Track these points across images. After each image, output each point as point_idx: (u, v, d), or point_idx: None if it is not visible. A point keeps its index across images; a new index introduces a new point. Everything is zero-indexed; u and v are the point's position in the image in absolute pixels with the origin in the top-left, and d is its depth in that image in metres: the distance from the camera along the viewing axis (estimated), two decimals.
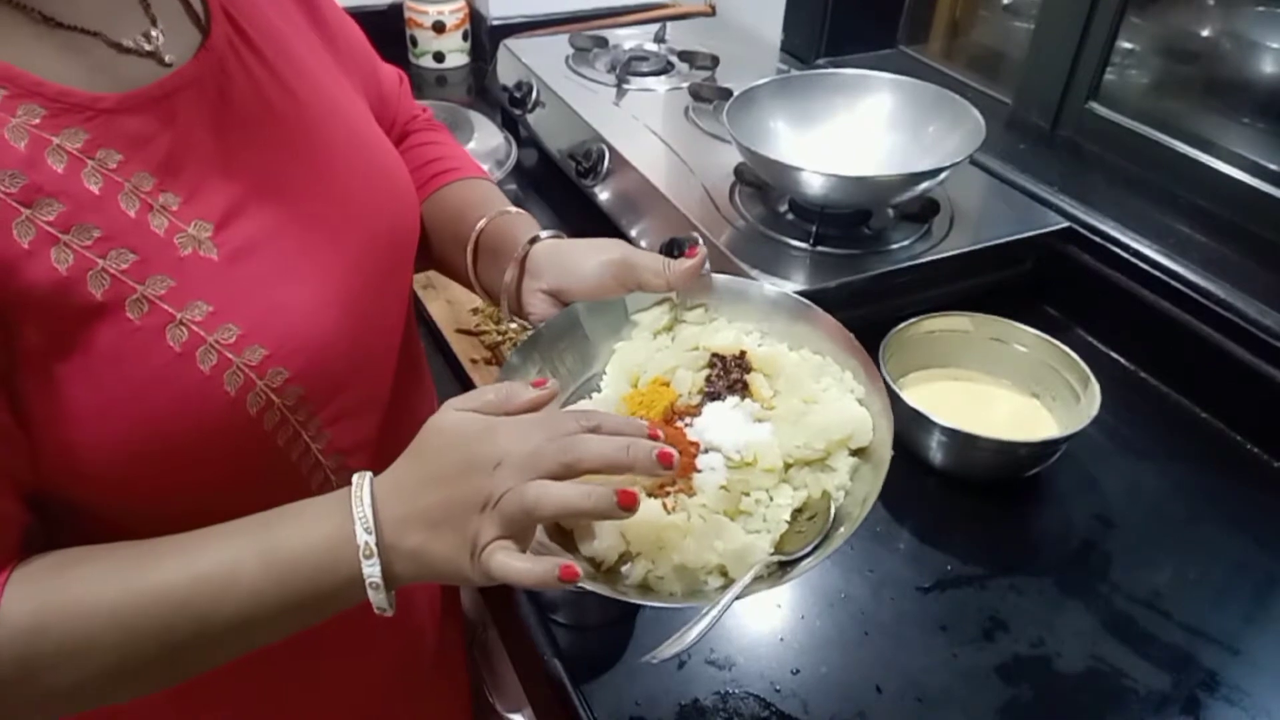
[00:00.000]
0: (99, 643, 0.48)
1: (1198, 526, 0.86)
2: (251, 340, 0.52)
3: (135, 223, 0.49)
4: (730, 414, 0.59)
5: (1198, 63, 1.19)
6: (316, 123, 0.61)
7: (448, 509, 0.49)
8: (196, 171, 0.52)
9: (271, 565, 0.49)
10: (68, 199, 0.47)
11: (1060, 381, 0.91)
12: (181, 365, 0.50)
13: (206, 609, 0.49)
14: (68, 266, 0.47)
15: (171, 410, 0.50)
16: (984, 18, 1.50)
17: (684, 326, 0.66)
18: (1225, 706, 0.70)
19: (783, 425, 0.59)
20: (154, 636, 0.49)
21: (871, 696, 0.70)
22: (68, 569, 0.50)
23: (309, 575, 0.50)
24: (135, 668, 0.50)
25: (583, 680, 0.70)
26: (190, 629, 0.49)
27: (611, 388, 0.63)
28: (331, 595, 0.50)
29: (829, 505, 0.55)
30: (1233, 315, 0.93)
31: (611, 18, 1.67)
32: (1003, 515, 0.86)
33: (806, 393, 0.60)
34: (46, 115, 0.47)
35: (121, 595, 0.49)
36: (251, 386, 0.52)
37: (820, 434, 0.58)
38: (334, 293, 0.57)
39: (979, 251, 1.03)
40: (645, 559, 0.53)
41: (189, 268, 0.51)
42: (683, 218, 1.04)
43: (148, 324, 0.49)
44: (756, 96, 1.09)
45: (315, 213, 0.58)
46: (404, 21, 1.67)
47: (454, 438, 0.50)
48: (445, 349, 1.01)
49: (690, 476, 0.55)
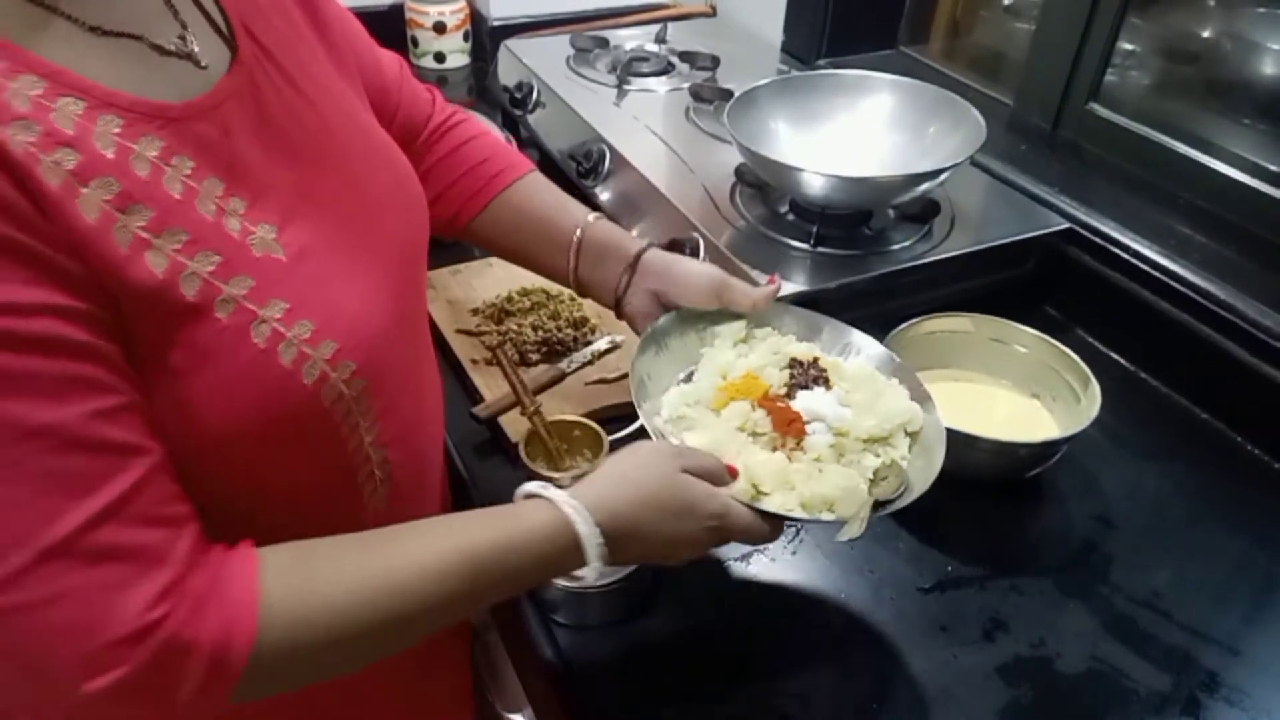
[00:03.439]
0: (358, 623, 0.53)
1: (1198, 527, 0.86)
2: (324, 335, 0.55)
3: (214, 226, 0.52)
4: (823, 397, 0.75)
5: (1198, 64, 1.19)
6: (335, 132, 0.63)
7: (667, 548, 0.64)
8: (253, 178, 0.55)
9: (515, 553, 0.58)
10: (155, 204, 0.49)
11: (1060, 382, 0.91)
12: (266, 360, 0.52)
13: (459, 585, 0.56)
14: (163, 270, 0.48)
15: (257, 404, 0.53)
16: (984, 18, 1.50)
17: (756, 340, 0.81)
18: (1225, 707, 0.70)
19: (858, 411, 0.74)
20: (406, 611, 0.54)
21: (872, 696, 0.70)
22: (322, 562, 0.54)
23: (545, 562, 0.59)
24: (389, 637, 0.56)
25: (583, 680, 0.70)
26: (438, 604, 0.55)
27: (706, 380, 0.77)
28: (557, 571, 0.61)
29: (900, 469, 0.71)
30: (1233, 316, 0.93)
31: (612, 18, 1.68)
32: (1003, 516, 0.86)
33: (870, 390, 0.76)
34: (124, 124, 0.48)
35: (385, 576, 0.54)
36: (326, 379, 0.55)
37: (887, 418, 0.74)
38: (378, 290, 0.61)
39: (980, 252, 1.03)
40: (779, 494, 0.67)
41: (264, 268, 0.53)
42: (683, 218, 1.04)
43: (234, 323, 0.51)
44: (757, 97, 1.09)
45: (349, 216, 0.61)
46: (405, 22, 1.67)
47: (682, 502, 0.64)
48: (445, 349, 1.01)
49: (802, 438, 0.71)
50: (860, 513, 0.65)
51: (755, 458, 0.69)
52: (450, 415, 0.92)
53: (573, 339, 1.01)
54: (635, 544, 0.62)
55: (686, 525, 0.63)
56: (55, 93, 0.46)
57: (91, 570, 0.45)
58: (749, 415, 0.72)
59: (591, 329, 1.03)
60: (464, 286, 1.10)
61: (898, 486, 0.68)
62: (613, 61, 1.39)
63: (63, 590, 0.44)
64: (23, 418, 0.43)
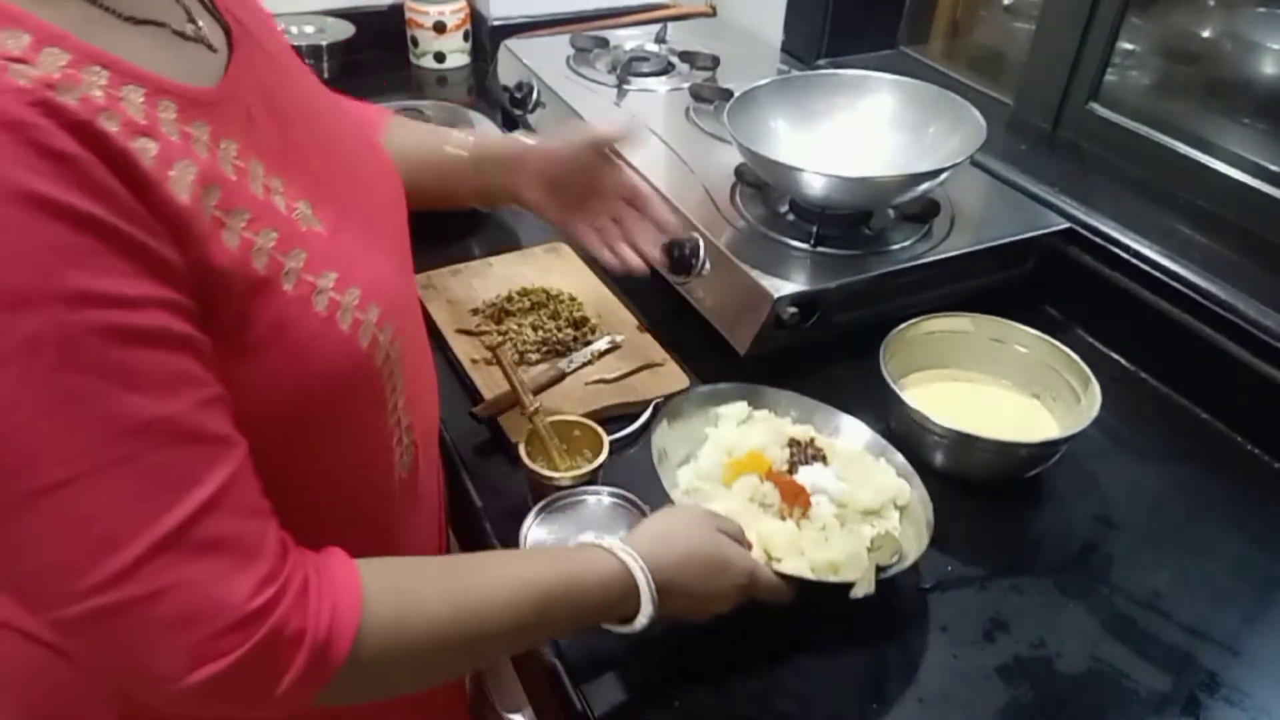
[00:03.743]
0: (439, 639, 0.55)
1: (1198, 527, 0.86)
2: (369, 300, 0.57)
3: (266, 204, 0.53)
4: (823, 472, 0.81)
5: (1198, 63, 1.19)
6: (322, 114, 0.65)
7: (702, 604, 0.69)
8: (280, 158, 0.56)
9: (579, 594, 0.62)
10: (222, 185, 0.50)
11: (1060, 382, 0.91)
12: (328, 327, 0.54)
13: (529, 617, 0.59)
14: (236, 247, 0.50)
15: (325, 370, 0.55)
16: (984, 18, 1.50)
17: (756, 421, 0.87)
18: (1225, 707, 0.70)
19: (854, 485, 0.81)
20: (480, 634, 0.57)
21: (872, 696, 0.70)
22: (409, 571, 0.57)
23: (603, 607, 0.63)
24: (460, 658, 0.60)
25: (583, 680, 0.70)
26: (507, 632, 0.58)
27: (714, 457, 0.82)
28: (610, 616, 0.65)
29: (894, 539, 0.76)
30: (1233, 315, 0.93)
31: (612, 18, 1.67)
32: (1003, 516, 0.86)
33: (861, 467, 0.83)
34: (178, 110, 0.49)
35: (464, 596, 0.57)
36: (376, 341, 0.58)
37: (879, 493, 0.80)
38: (390, 257, 0.64)
39: (980, 252, 1.03)
40: (790, 560, 0.73)
41: (311, 241, 0.55)
42: (683, 218, 1.04)
43: (298, 294, 0.53)
44: (757, 97, 1.09)
45: (354, 191, 0.63)
46: (404, 22, 1.67)
47: (718, 560, 0.68)
48: (445, 349, 1.01)
49: (808, 509, 0.78)
50: (867, 573, 0.71)
51: (768, 526, 0.75)
52: (450, 415, 0.92)
53: (573, 339, 1.01)
54: (677, 598, 0.65)
55: (721, 583, 0.67)
56: (119, 82, 0.46)
57: (198, 561, 0.46)
58: (758, 487, 0.78)
59: (591, 329, 1.03)
60: (464, 286, 1.10)
61: (893, 554, 0.74)
62: (613, 61, 1.39)
63: (172, 582, 0.45)
64: (138, 410, 0.44)
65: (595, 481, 0.80)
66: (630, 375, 0.97)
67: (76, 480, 0.43)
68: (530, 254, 1.17)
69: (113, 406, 0.43)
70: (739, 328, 0.97)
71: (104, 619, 0.45)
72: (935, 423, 0.84)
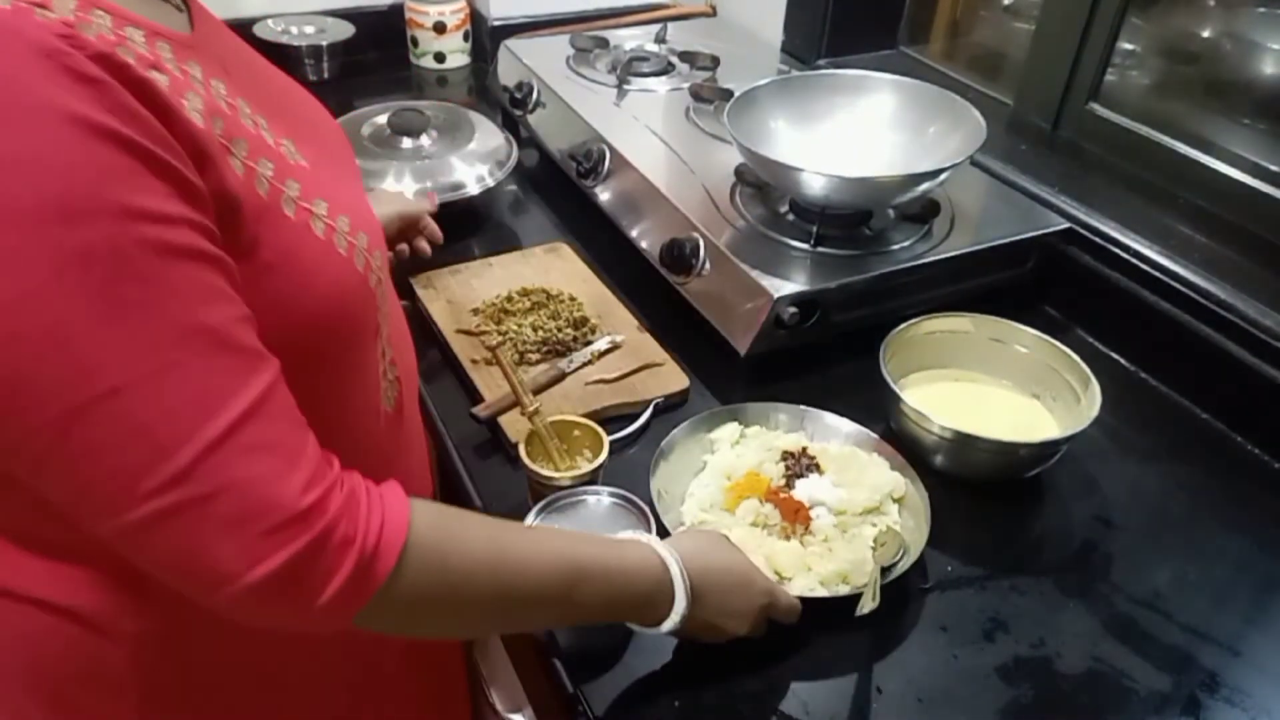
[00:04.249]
0: (474, 578, 0.57)
1: (1198, 527, 0.86)
2: (358, 228, 0.60)
3: (258, 137, 0.55)
4: (819, 483, 0.83)
5: (1198, 64, 1.19)
6: (275, 73, 0.68)
7: (724, 618, 0.68)
8: (257, 102, 0.58)
9: (614, 577, 0.63)
10: (222, 116, 0.52)
11: (1061, 382, 0.91)
12: (328, 251, 0.57)
13: (562, 587, 0.60)
14: (242, 173, 0.52)
15: (330, 292, 0.57)
16: (984, 18, 1.50)
17: (749, 439, 0.88)
18: (1226, 707, 0.70)
19: (850, 488, 0.83)
20: (513, 592, 0.58)
21: (872, 696, 0.70)
22: (454, 512, 0.59)
23: (637, 597, 0.64)
24: (484, 610, 0.59)
25: (583, 680, 0.70)
26: (539, 597, 0.60)
27: (714, 483, 0.84)
28: (640, 612, 0.65)
29: (898, 534, 0.78)
30: (1233, 316, 0.93)
31: (612, 18, 1.68)
32: (1003, 516, 0.86)
33: (855, 467, 0.85)
34: (173, 49, 0.51)
35: (502, 552, 0.58)
36: (369, 266, 0.60)
37: (875, 490, 0.82)
38: (363, 200, 0.66)
39: (979, 252, 1.03)
40: (800, 578, 0.75)
41: (300, 174, 0.57)
42: (683, 218, 1.04)
43: (299, 219, 0.55)
44: (757, 97, 1.09)
45: (320, 141, 0.65)
46: (404, 22, 1.67)
47: (747, 576, 0.70)
48: (445, 349, 1.01)
49: (809, 523, 0.80)
50: (872, 585, 0.71)
51: (775, 548, 0.77)
52: (450, 415, 0.92)
53: (573, 339, 1.01)
54: (705, 606, 0.66)
55: (744, 598, 0.68)
56: (121, 24, 0.48)
57: (249, 462, 0.48)
58: (760, 510, 0.80)
59: (591, 329, 1.03)
60: (464, 286, 1.10)
61: (897, 550, 0.76)
62: (613, 61, 1.39)
63: (227, 482, 0.47)
64: (184, 319, 0.46)
65: (595, 481, 0.80)
66: (630, 375, 0.97)
67: (131, 386, 0.45)
68: (530, 254, 1.17)
69: (161, 315, 0.46)
70: (739, 328, 0.97)
71: (164, 520, 0.47)
72: (935, 423, 0.84)
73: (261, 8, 1.64)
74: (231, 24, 1.68)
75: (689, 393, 0.97)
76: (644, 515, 0.76)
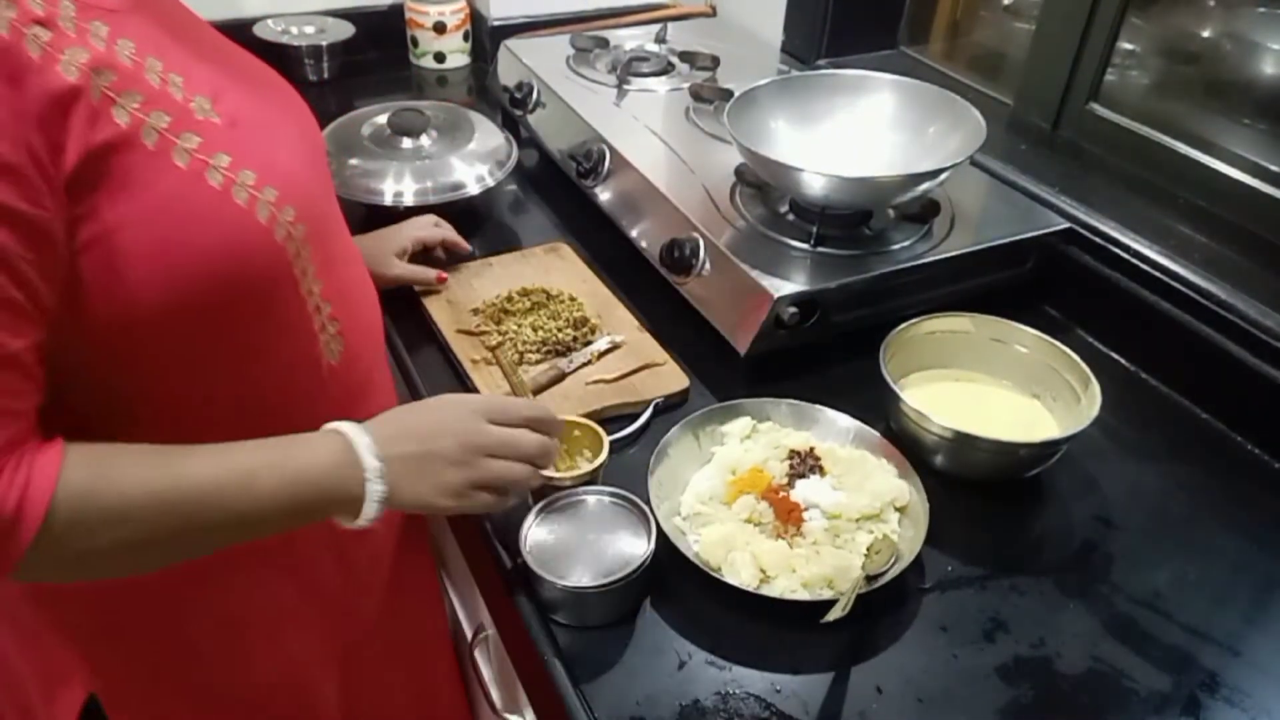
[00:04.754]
0: (135, 515, 0.58)
1: (1198, 527, 0.86)
2: (265, 182, 0.63)
3: (161, 92, 0.59)
4: (818, 485, 0.83)
5: (1198, 64, 1.19)
6: (221, 36, 0.71)
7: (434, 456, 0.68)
8: (181, 63, 0.62)
9: (285, 474, 0.63)
10: (114, 71, 0.56)
11: (1061, 382, 0.91)
12: (223, 200, 0.60)
13: (228, 501, 0.61)
14: (127, 123, 0.56)
15: (223, 240, 0.60)
16: (984, 18, 1.50)
17: (759, 434, 0.89)
18: (1226, 707, 0.70)
19: (850, 492, 0.83)
20: (180, 517, 0.60)
21: (871, 697, 0.70)
22: (114, 454, 0.59)
23: (315, 481, 0.64)
24: (159, 541, 0.60)
25: (583, 680, 0.70)
26: (210, 516, 0.61)
27: (719, 476, 0.84)
28: (330, 500, 0.66)
29: (892, 543, 0.78)
30: (1233, 316, 0.93)
31: (612, 18, 1.68)
32: (1003, 516, 0.86)
33: (861, 471, 0.84)
34: (77, 10, 0.55)
35: (159, 478, 0.59)
36: (275, 218, 0.63)
37: (876, 497, 0.81)
38: (301, 155, 0.69)
39: (980, 252, 1.03)
40: (783, 578, 0.76)
41: (206, 129, 0.61)
42: (683, 218, 1.04)
43: (192, 169, 0.59)
44: (757, 97, 1.09)
45: (262, 98, 0.69)
46: (404, 22, 1.67)
47: (444, 398, 0.73)
48: (445, 349, 1.01)
49: (801, 525, 0.80)
50: (848, 593, 0.71)
51: (761, 546, 0.77)
52: None
53: (573, 339, 1.01)
54: (401, 442, 0.67)
55: (448, 413, 0.70)
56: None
57: None
58: (754, 507, 0.80)
59: (592, 329, 1.03)
60: (464, 286, 1.10)
61: (889, 558, 0.76)
62: (613, 61, 1.39)
63: None
64: None
65: (595, 481, 0.80)
66: (630, 375, 0.97)
67: None
68: (530, 254, 1.17)
69: None
70: (739, 328, 0.97)
71: None
72: (935, 423, 0.84)
73: (261, 8, 1.64)
74: (231, 24, 1.68)
75: (689, 393, 0.97)
76: (644, 515, 0.76)
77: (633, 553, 0.73)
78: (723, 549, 0.77)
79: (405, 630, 0.95)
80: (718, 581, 0.75)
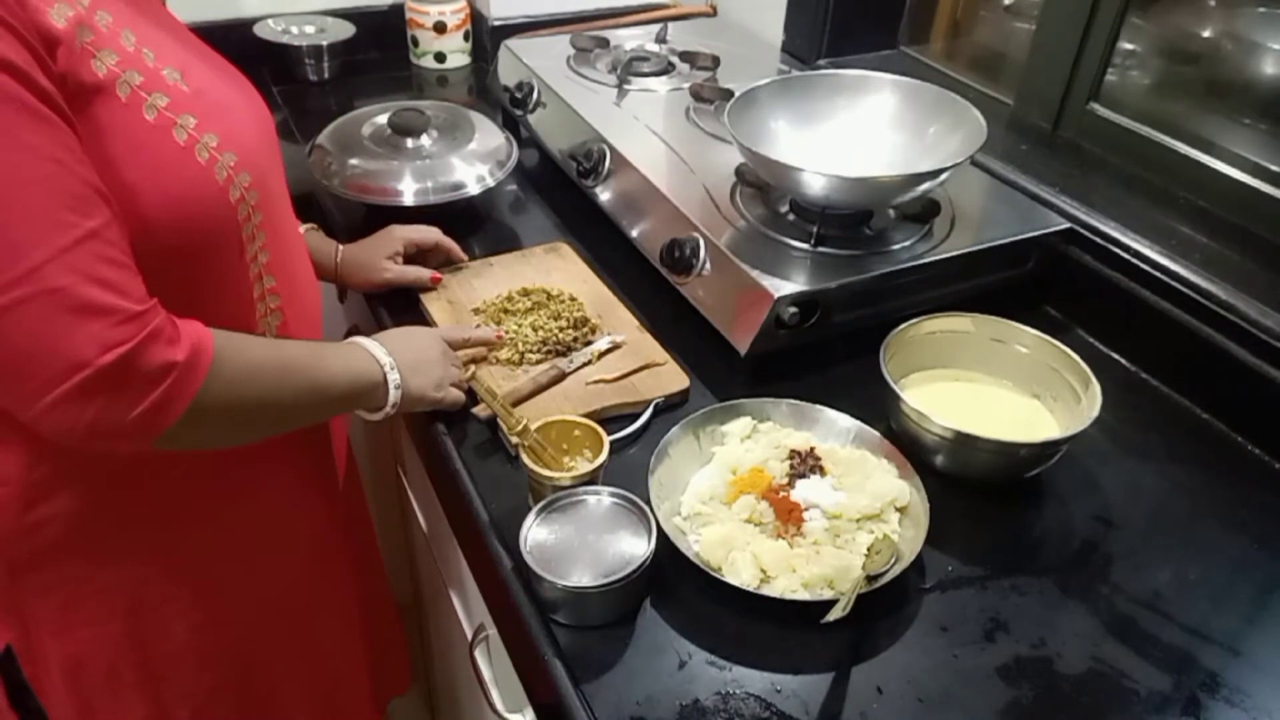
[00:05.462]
0: (263, 373, 0.72)
1: (1198, 527, 0.86)
2: (226, 147, 0.70)
3: (135, 55, 0.66)
4: (818, 485, 0.83)
5: (1199, 64, 1.19)
6: (189, 32, 0.77)
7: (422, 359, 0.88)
8: (153, 39, 0.68)
9: (339, 358, 0.81)
10: (94, 31, 0.63)
11: (1061, 382, 0.91)
12: (187, 155, 0.67)
13: (312, 372, 0.77)
14: (104, 74, 0.63)
15: (183, 192, 0.67)
16: (985, 18, 1.50)
17: (760, 434, 0.89)
18: (1226, 708, 0.70)
19: (851, 492, 0.83)
20: (289, 378, 0.74)
21: (872, 697, 0.70)
22: (241, 338, 0.71)
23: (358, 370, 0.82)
24: (280, 401, 0.74)
25: (583, 680, 0.70)
26: (304, 381, 0.76)
27: (719, 476, 0.85)
28: (368, 384, 0.82)
29: (892, 543, 0.77)
30: (1233, 316, 0.93)
31: (613, 18, 1.68)
32: (1003, 516, 0.86)
33: (861, 472, 0.84)
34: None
35: (268, 346, 0.75)
36: (231, 180, 0.71)
37: (877, 498, 0.81)
38: (254, 131, 0.76)
39: (980, 252, 1.03)
40: (783, 578, 0.76)
41: (175, 92, 0.68)
42: (684, 218, 1.04)
43: (160, 122, 0.66)
44: (757, 97, 1.09)
45: (226, 83, 0.76)
46: (405, 22, 1.67)
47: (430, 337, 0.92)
48: None
49: (801, 525, 0.80)
50: (849, 594, 0.71)
51: (761, 546, 0.77)
52: (450, 415, 0.92)
53: (573, 339, 1.01)
54: (403, 353, 0.85)
55: (421, 333, 0.91)
56: None
57: (97, 266, 0.60)
58: (755, 507, 0.81)
59: (592, 329, 1.03)
60: (464, 286, 1.10)
61: (890, 558, 0.75)
62: (613, 61, 1.39)
63: (77, 280, 0.58)
64: (45, 151, 0.58)
65: (595, 481, 0.80)
66: (630, 375, 0.97)
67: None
68: (530, 254, 1.17)
69: (23, 143, 0.57)
70: (739, 328, 0.97)
71: (20, 307, 0.57)
72: (935, 423, 0.84)
73: (262, 8, 1.64)
74: (232, 24, 1.68)
75: (689, 393, 0.97)
76: (644, 515, 0.76)
77: (633, 553, 0.73)
78: (723, 549, 0.77)
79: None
80: (718, 581, 0.75)
